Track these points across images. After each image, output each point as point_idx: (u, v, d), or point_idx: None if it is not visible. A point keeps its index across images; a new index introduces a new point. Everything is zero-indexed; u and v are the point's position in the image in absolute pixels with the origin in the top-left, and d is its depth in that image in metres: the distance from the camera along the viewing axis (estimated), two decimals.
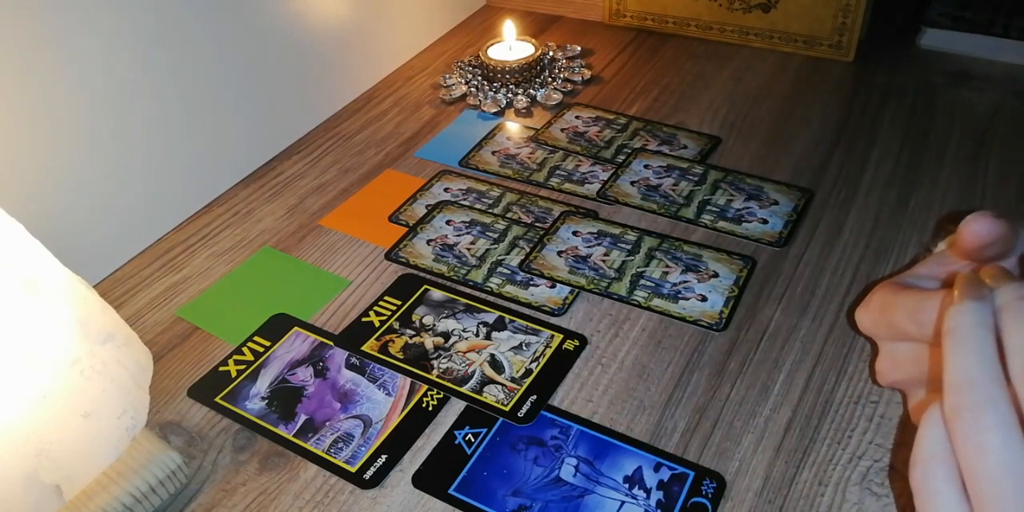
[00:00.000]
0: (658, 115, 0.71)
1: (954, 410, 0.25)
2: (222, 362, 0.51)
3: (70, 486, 0.36)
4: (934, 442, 0.26)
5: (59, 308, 0.35)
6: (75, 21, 0.50)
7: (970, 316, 0.26)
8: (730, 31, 0.81)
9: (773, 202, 0.60)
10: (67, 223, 0.54)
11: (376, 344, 0.51)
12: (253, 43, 0.64)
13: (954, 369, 0.25)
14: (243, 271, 0.58)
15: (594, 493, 0.41)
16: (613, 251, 0.56)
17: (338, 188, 0.66)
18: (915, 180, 0.61)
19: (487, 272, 0.56)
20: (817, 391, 0.46)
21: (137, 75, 0.56)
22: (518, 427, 0.45)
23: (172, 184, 0.62)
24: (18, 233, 0.35)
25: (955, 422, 0.25)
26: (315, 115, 0.74)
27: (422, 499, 0.42)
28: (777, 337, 0.50)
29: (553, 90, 0.75)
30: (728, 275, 0.54)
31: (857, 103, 0.71)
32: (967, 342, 0.25)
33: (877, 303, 0.33)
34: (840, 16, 0.75)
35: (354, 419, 0.46)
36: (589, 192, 0.63)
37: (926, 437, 0.26)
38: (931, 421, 0.26)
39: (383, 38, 0.79)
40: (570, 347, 0.50)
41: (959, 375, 0.25)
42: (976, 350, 0.25)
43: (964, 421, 0.24)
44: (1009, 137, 0.65)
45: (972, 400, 0.24)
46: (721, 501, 0.41)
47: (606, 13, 0.87)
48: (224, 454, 0.46)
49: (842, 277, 0.53)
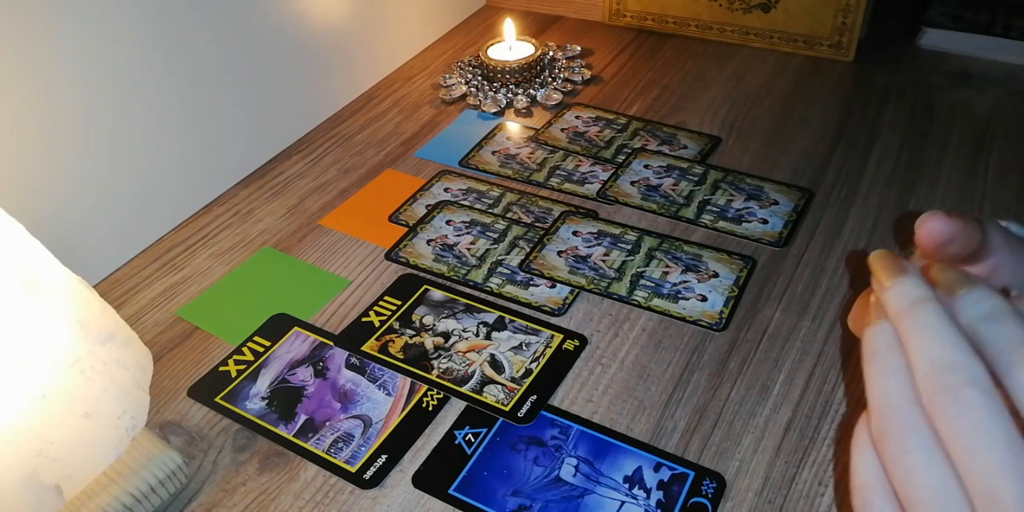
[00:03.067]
0: (658, 115, 0.71)
1: (879, 434, 0.25)
2: (222, 362, 0.51)
3: (70, 486, 0.36)
4: (867, 469, 0.26)
5: (59, 308, 0.35)
6: (75, 21, 0.50)
7: (882, 337, 0.26)
8: (730, 31, 0.81)
9: (773, 202, 0.60)
10: (67, 223, 0.54)
11: (376, 344, 0.51)
12: (253, 43, 0.64)
13: (873, 393, 0.26)
14: (243, 271, 0.58)
15: (594, 493, 0.41)
16: (613, 251, 0.56)
17: (338, 188, 0.66)
18: (915, 180, 0.61)
19: (487, 272, 0.56)
20: (817, 391, 0.46)
21: (137, 75, 0.56)
22: (518, 427, 0.45)
23: (172, 184, 0.62)
24: (18, 233, 0.35)
25: (880, 446, 0.25)
26: (315, 115, 0.74)
27: (422, 499, 0.42)
28: (777, 337, 0.50)
29: (553, 90, 0.75)
30: (728, 275, 0.54)
31: (857, 103, 0.71)
32: (882, 365, 0.26)
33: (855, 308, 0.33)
34: (840, 16, 0.75)
35: (354, 419, 0.46)
36: (589, 192, 0.63)
37: (859, 464, 0.27)
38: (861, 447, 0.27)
39: (383, 38, 0.79)
40: (570, 347, 0.50)
41: (878, 399, 0.25)
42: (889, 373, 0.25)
43: (889, 446, 0.25)
44: (1009, 137, 0.65)
45: (894, 425, 0.25)
46: (721, 501, 0.41)
47: (606, 13, 0.87)
48: (224, 454, 0.46)
49: (842, 277, 0.53)
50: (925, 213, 0.29)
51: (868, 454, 0.26)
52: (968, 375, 0.23)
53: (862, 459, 0.27)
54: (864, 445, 0.27)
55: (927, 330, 0.25)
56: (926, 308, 0.25)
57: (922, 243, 0.29)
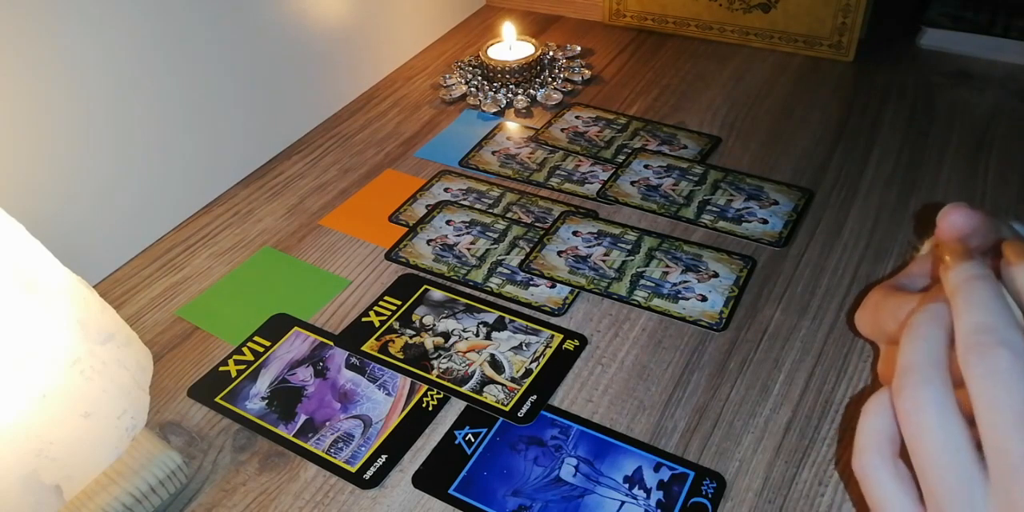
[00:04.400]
0: (658, 115, 0.71)
1: (896, 389, 0.26)
2: (222, 362, 0.51)
3: (70, 486, 0.36)
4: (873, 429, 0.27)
5: (59, 308, 0.35)
6: (75, 21, 0.50)
7: (926, 314, 0.27)
8: (730, 31, 0.81)
9: (773, 202, 0.60)
10: (67, 223, 0.54)
11: (376, 344, 0.51)
12: (253, 43, 0.64)
13: (902, 356, 0.27)
14: (243, 271, 0.58)
15: (594, 493, 0.41)
16: (613, 251, 0.56)
17: (338, 188, 0.66)
18: (915, 180, 0.61)
19: (487, 272, 0.56)
20: (817, 391, 0.46)
21: (137, 75, 0.56)
22: (518, 427, 0.45)
23: (172, 184, 0.62)
24: (18, 233, 0.35)
25: (897, 400, 0.26)
26: (315, 115, 0.74)
27: (422, 499, 0.42)
28: (777, 337, 0.50)
29: (553, 90, 0.75)
30: (728, 275, 0.54)
31: (857, 103, 0.71)
32: (918, 333, 0.27)
33: (871, 305, 0.33)
34: (840, 16, 0.75)
35: (354, 419, 0.46)
36: (589, 192, 0.63)
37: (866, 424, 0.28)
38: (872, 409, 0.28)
39: (383, 38, 0.79)
40: (570, 347, 0.50)
41: (904, 360, 0.26)
42: (923, 339, 0.26)
43: (904, 400, 0.26)
44: (1009, 137, 0.65)
45: (911, 380, 0.26)
46: (721, 501, 0.41)
47: (606, 13, 0.87)
48: (224, 454, 0.46)
49: (842, 277, 0.53)
50: (948, 205, 0.29)
51: (879, 416, 0.27)
52: (1002, 337, 0.24)
53: (871, 420, 0.27)
54: (876, 407, 0.28)
55: (976, 298, 0.26)
56: (981, 283, 0.26)
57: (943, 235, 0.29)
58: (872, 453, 0.27)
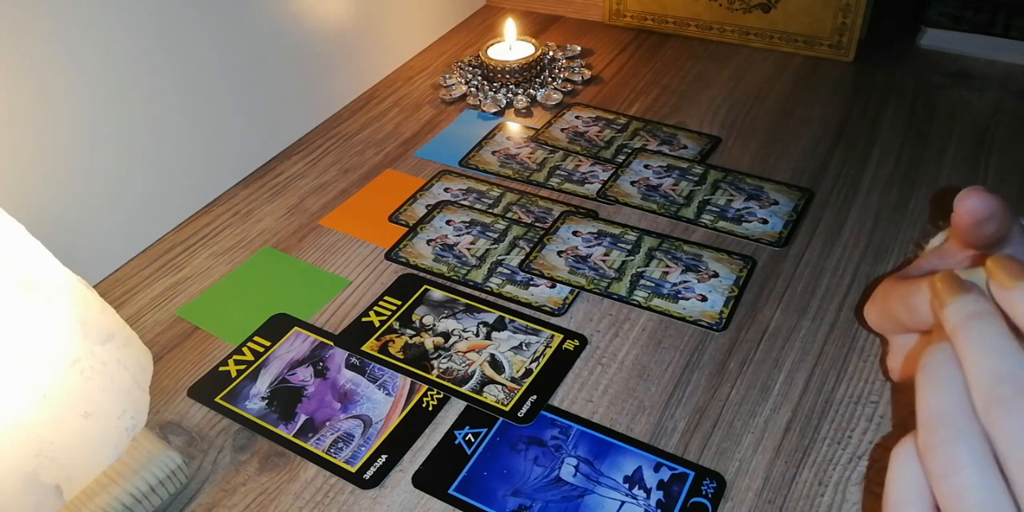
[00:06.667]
0: (658, 115, 0.71)
1: (927, 448, 0.24)
2: (222, 362, 0.51)
3: (70, 486, 0.36)
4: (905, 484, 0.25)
5: (59, 308, 0.35)
6: (75, 21, 0.50)
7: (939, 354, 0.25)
8: (730, 31, 0.81)
9: (773, 202, 0.60)
10: (67, 223, 0.54)
11: (376, 344, 0.51)
12: (253, 43, 0.64)
13: (924, 406, 0.25)
14: (243, 271, 0.58)
15: (594, 493, 0.41)
16: (613, 251, 0.56)
17: (338, 188, 0.66)
18: (915, 180, 0.61)
19: (487, 272, 0.56)
20: (817, 391, 0.46)
21: (137, 75, 0.56)
22: (518, 427, 0.45)
23: (172, 184, 0.62)
24: (18, 233, 0.35)
25: (929, 460, 0.24)
26: (315, 115, 0.74)
27: (422, 499, 0.42)
28: (777, 337, 0.50)
29: (553, 90, 0.75)
30: (728, 275, 0.54)
31: (857, 103, 0.71)
32: (935, 378, 0.25)
33: (879, 295, 0.33)
34: (840, 16, 0.75)
35: (354, 419, 0.46)
36: (589, 192, 0.63)
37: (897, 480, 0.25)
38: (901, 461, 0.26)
39: (383, 38, 0.79)
40: (570, 347, 0.50)
41: (929, 411, 0.24)
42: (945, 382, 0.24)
43: (937, 459, 0.23)
44: (1009, 137, 0.65)
45: (943, 437, 0.24)
46: (721, 501, 0.41)
47: (606, 13, 0.87)
48: (224, 454, 0.46)
49: (842, 277, 0.53)
50: (965, 189, 0.28)
51: (908, 469, 0.25)
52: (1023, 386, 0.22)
53: (901, 474, 0.25)
54: (904, 459, 0.25)
55: (982, 341, 0.24)
56: (983, 321, 0.24)
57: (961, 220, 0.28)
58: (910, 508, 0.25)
